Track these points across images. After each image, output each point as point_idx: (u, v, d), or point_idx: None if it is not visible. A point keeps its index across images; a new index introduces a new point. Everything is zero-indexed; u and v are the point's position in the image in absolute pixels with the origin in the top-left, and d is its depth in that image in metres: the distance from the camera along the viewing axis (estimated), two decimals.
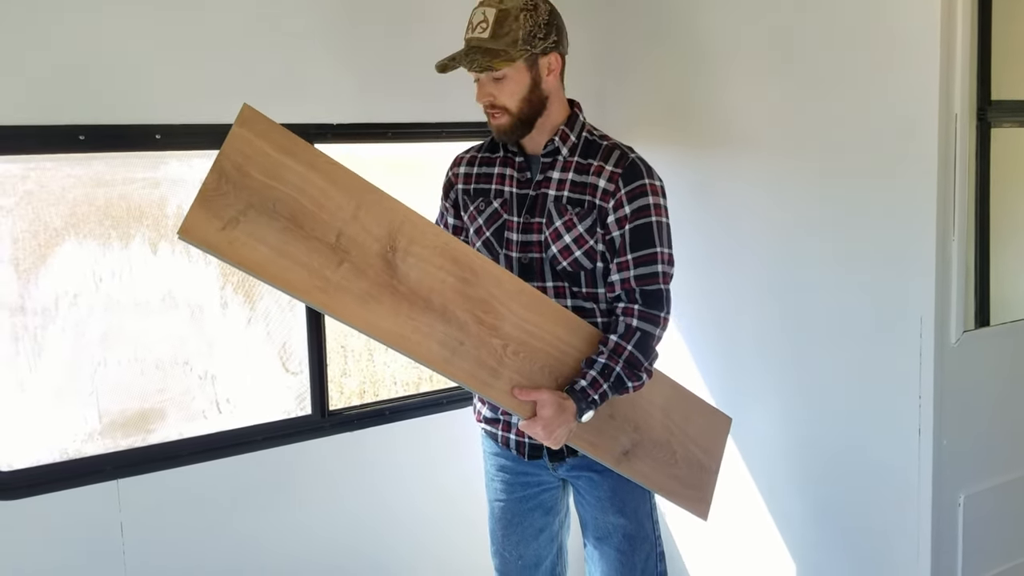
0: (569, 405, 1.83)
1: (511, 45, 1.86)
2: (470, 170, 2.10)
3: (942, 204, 2.13)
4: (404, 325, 1.71)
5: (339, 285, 1.66)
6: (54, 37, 2.08)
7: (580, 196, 1.94)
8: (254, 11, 2.32)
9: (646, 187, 1.92)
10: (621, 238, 1.91)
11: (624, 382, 1.88)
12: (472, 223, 2.07)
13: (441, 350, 1.75)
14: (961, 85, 2.13)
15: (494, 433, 2.12)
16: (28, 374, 2.24)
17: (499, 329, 1.82)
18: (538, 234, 1.97)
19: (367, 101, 2.53)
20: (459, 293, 1.77)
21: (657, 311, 1.92)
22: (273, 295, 2.52)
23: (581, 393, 1.85)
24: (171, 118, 2.24)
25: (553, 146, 1.97)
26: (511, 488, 2.14)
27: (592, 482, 2.06)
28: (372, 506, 2.66)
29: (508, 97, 1.90)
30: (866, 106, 2.26)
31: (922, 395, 2.18)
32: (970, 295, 2.41)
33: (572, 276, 1.97)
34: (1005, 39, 2.54)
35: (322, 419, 2.56)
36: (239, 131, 1.61)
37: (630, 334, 1.90)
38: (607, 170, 1.93)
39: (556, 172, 1.97)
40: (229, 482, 2.42)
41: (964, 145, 2.17)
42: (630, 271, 1.91)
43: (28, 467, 2.20)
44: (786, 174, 2.48)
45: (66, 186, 2.29)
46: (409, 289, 1.72)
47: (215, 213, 1.57)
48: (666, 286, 1.94)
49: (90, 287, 2.31)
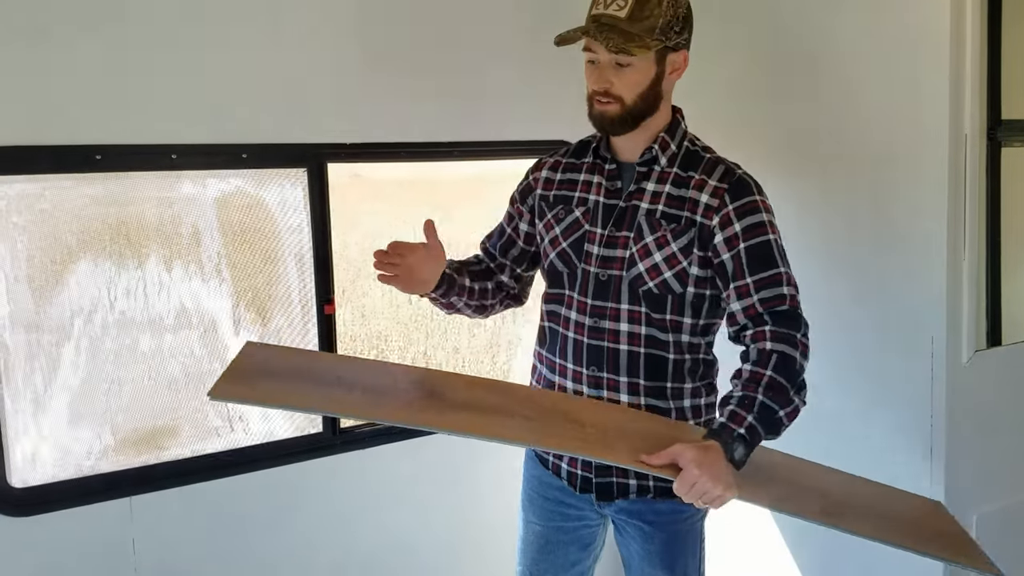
0: (712, 445, 1.58)
1: (647, 32, 1.68)
2: (552, 175, 1.95)
3: (952, 224, 2.14)
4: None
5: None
6: (71, 59, 2.11)
7: (677, 211, 1.77)
8: (269, 33, 2.35)
9: (757, 204, 1.75)
10: (735, 261, 1.73)
11: (773, 410, 1.63)
12: (547, 232, 1.92)
13: (531, 433, 1.72)
14: (971, 105, 2.14)
15: (544, 458, 1.98)
16: (43, 391, 2.25)
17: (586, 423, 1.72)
18: (623, 249, 1.80)
19: (379, 121, 2.54)
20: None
21: (793, 331, 1.70)
22: (286, 313, 2.54)
23: (721, 429, 1.61)
24: (186, 138, 2.26)
25: (651, 154, 1.81)
26: (550, 516, 1.99)
27: (643, 533, 1.89)
28: (383, 524, 2.66)
29: (628, 88, 1.72)
30: (875, 125, 2.27)
31: (934, 415, 2.18)
32: (981, 315, 2.40)
33: (656, 300, 1.79)
34: (1015, 58, 2.55)
35: (333, 436, 2.56)
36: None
37: (766, 358, 1.66)
38: (710, 184, 1.76)
39: (651, 183, 1.80)
40: (241, 499, 2.43)
41: (974, 165, 2.17)
42: (752, 296, 1.72)
43: (42, 483, 2.22)
44: (794, 194, 2.48)
45: (81, 205, 2.30)
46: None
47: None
48: (796, 308, 1.73)
49: (105, 305, 2.33)
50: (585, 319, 1.84)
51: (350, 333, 6.64)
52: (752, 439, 1.61)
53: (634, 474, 1.85)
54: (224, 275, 2.48)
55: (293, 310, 2.53)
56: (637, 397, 1.82)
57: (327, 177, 2.47)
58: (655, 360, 1.82)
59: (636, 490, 1.87)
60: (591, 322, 1.84)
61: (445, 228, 2.15)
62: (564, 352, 1.89)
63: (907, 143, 2.20)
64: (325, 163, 2.46)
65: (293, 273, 2.51)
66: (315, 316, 2.51)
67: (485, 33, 2.67)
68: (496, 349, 6.60)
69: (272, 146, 2.39)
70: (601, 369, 1.83)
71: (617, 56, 1.70)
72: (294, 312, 2.53)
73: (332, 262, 2.52)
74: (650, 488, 1.86)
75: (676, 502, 1.85)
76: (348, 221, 8.31)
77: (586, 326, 1.84)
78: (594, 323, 1.83)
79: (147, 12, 2.18)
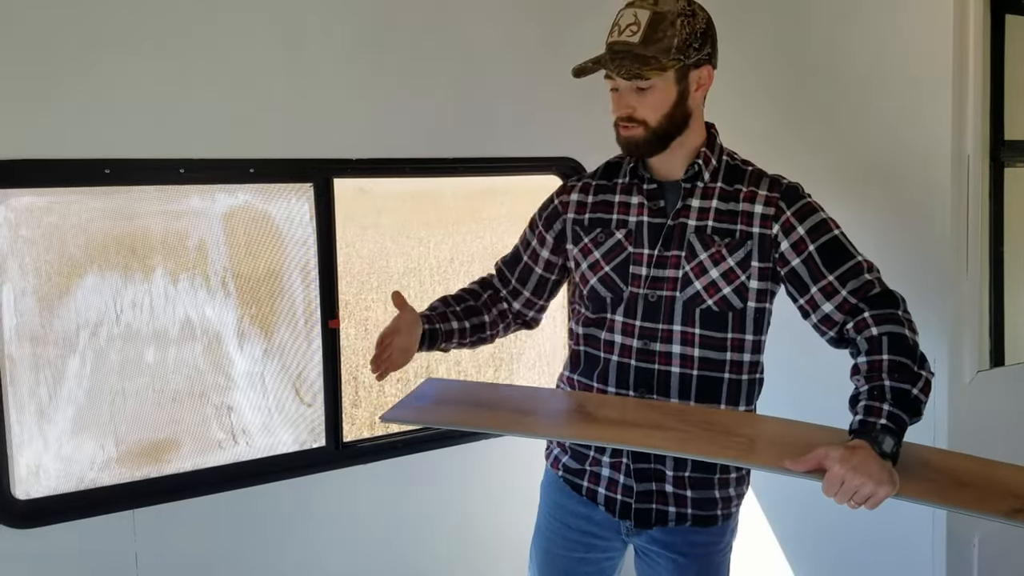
0: (858, 443, 1.51)
1: (663, 52, 1.67)
2: (584, 198, 1.90)
3: (955, 244, 2.14)
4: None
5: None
6: (80, 73, 2.13)
7: (730, 225, 1.75)
8: (276, 48, 2.37)
9: (812, 205, 1.75)
10: (808, 264, 1.71)
11: (906, 391, 1.56)
12: (585, 257, 1.87)
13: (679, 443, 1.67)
14: (973, 125, 2.15)
15: (578, 484, 1.91)
16: (48, 403, 2.26)
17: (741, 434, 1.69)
18: (674, 269, 1.77)
19: (385, 136, 2.56)
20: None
21: (893, 308, 1.66)
22: (291, 327, 2.55)
23: (862, 426, 1.54)
24: (194, 153, 2.28)
25: (695, 170, 1.78)
26: (572, 546, 1.94)
27: (676, 564, 1.85)
28: (386, 539, 2.66)
29: (650, 110, 1.72)
30: (879, 146, 2.28)
31: (936, 434, 2.18)
32: (984, 335, 2.41)
33: (714, 319, 1.75)
34: (1018, 80, 2.57)
35: (336, 451, 2.57)
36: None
37: (876, 344, 1.61)
38: (761, 194, 1.75)
39: (696, 200, 1.78)
40: (244, 513, 2.43)
41: (977, 185, 2.18)
42: (841, 292, 1.69)
43: (45, 496, 2.22)
44: None
45: (89, 218, 2.32)
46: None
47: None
48: (886, 288, 1.70)
49: (110, 318, 2.34)
50: (633, 341, 1.81)
51: (354, 347, 6.64)
52: (898, 427, 1.53)
53: (673, 501, 1.82)
54: (230, 289, 2.49)
55: (298, 324, 2.54)
56: None
57: (333, 192, 2.49)
58: (709, 382, 1.79)
59: (674, 518, 1.83)
60: (640, 344, 1.80)
61: (449, 242, 2.15)
62: (604, 376, 1.85)
63: (910, 163, 2.21)
64: (331, 178, 2.48)
65: (298, 287, 2.53)
66: (319, 331, 2.52)
67: (491, 49, 2.69)
68: (498, 363, 6.59)
69: (279, 161, 2.41)
70: (651, 392, 1.80)
71: (635, 81, 1.70)
72: (298, 326, 2.54)
73: (337, 277, 2.53)
74: (688, 517, 1.83)
75: (711, 532, 1.85)
76: (353, 235, 8.34)
77: (634, 348, 1.81)
78: (643, 345, 1.80)
79: (156, 28, 2.20)
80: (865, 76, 2.30)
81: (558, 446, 1.96)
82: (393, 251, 8.86)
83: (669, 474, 1.81)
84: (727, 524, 1.88)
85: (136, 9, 2.17)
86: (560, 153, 2.78)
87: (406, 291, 1.88)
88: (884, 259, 2.26)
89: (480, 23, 2.67)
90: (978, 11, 2.11)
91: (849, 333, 1.68)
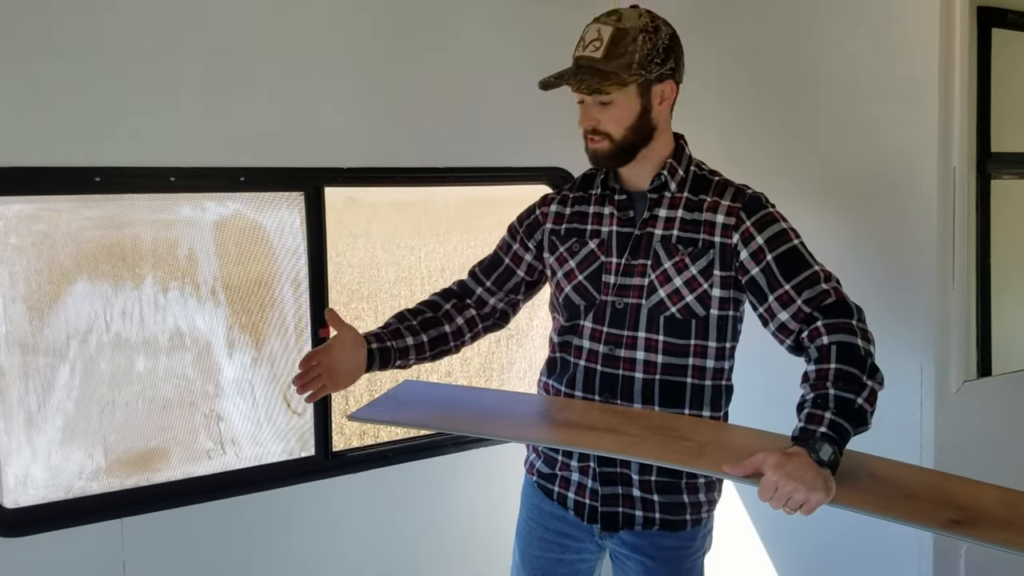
0: (796, 450, 1.52)
1: (624, 68, 1.72)
2: (562, 209, 1.95)
3: (941, 255, 2.16)
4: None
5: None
6: (71, 80, 2.13)
7: (693, 235, 1.78)
8: (267, 56, 2.37)
9: (773, 215, 1.77)
10: (766, 273, 1.73)
11: (850, 400, 1.57)
12: (561, 266, 1.92)
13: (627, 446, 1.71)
14: (959, 138, 2.17)
15: (550, 489, 1.96)
16: (37, 412, 2.25)
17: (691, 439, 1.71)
18: (640, 277, 1.81)
19: (376, 146, 2.57)
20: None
21: (846, 318, 1.67)
22: (281, 337, 2.55)
23: (802, 433, 1.55)
24: (185, 161, 2.28)
25: (660, 181, 1.82)
26: (548, 547, 1.97)
27: (645, 568, 1.87)
28: (374, 548, 2.65)
29: (613, 124, 1.76)
30: (866, 157, 2.30)
31: (923, 444, 2.19)
32: (971, 345, 2.43)
33: (678, 326, 1.79)
34: (1004, 93, 2.59)
35: (325, 460, 2.56)
36: None
37: (825, 352, 1.63)
38: (724, 204, 1.78)
39: (663, 209, 1.82)
40: (233, 522, 2.42)
41: (963, 196, 2.20)
42: (797, 300, 1.70)
43: (33, 504, 2.22)
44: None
45: (79, 227, 2.32)
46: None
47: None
48: (842, 298, 1.70)
49: (100, 326, 2.33)
50: (600, 347, 1.85)
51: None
52: (839, 435, 1.54)
53: (641, 505, 1.84)
54: (220, 298, 2.49)
55: (288, 333, 2.54)
56: None
57: (324, 201, 2.49)
58: (671, 387, 1.81)
59: (641, 522, 1.86)
60: (606, 350, 1.84)
61: (440, 251, 2.16)
62: (573, 381, 1.89)
63: (897, 175, 2.22)
64: (322, 187, 2.48)
65: (289, 296, 2.53)
66: (310, 340, 2.52)
67: (483, 60, 2.70)
68: (489, 373, 6.60)
69: (270, 170, 2.41)
70: (615, 397, 1.83)
71: (595, 96, 1.75)
72: (289, 336, 2.54)
73: (327, 286, 2.53)
74: (656, 521, 1.85)
75: (680, 536, 1.87)
76: (344, 244, 8.35)
77: (600, 354, 1.84)
78: (609, 351, 1.84)
79: (148, 37, 2.21)
80: (852, 87, 2.31)
81: (534, 451, 2.00)
82: (384, 260, 8.86)
83: (635, 478, 1.83)
84: (697, 529, 1.90)
85: (127, 17, 2.18)
86: (551, 163, 2.79)
87: (397, 300, 1.90)
88: (871, 270, 2.29)
89: (472, 33, 2.68)
90: (964, 24, 2.13)
91: (804, 342, 1.70)
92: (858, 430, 1.58)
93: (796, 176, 2.48)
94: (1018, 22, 2.63)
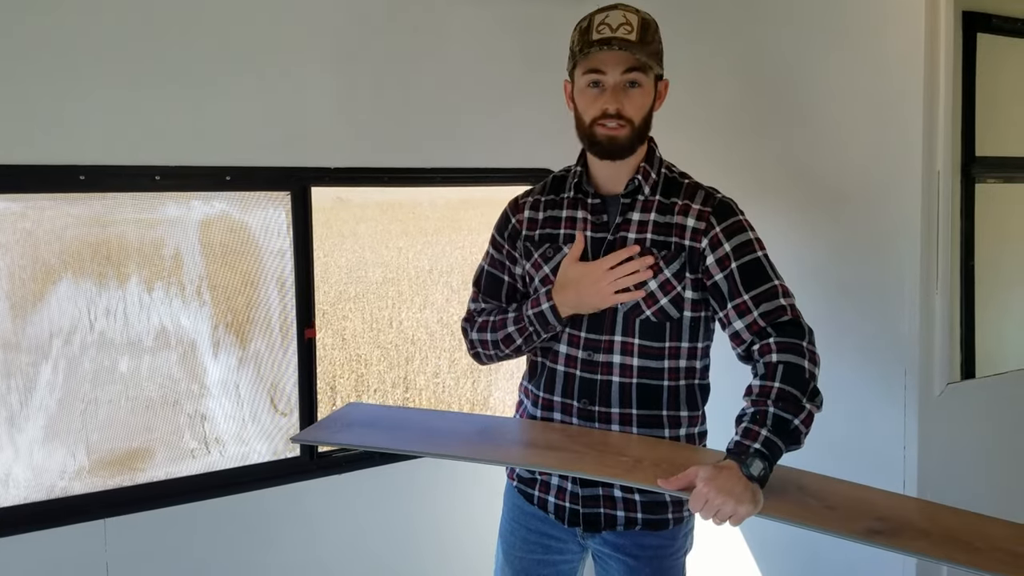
0: (727, 464, 1.56)
1: (652, 56, 1.73)
2: (535, 215, 1.93)
3: (925, 258, 2.17)
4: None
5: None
6: (55, 78, 2.12)
7: (665, 238, 1.78)
8: (253, 55, 2.37)
9: (742, 223, 1.78)
10: (728, 280, 1.74)
11: (787, 420, 1.60)
12: (537, 272, 1.90)
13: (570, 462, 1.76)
14: (944, 141, 2.18)
15: (529, 493, 1.95)
16: (19, 411, 2.24)
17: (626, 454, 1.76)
18: None
19: (363, 146, 2.57)
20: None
21: (798, 339, 1.69)
22: (266, 337, 2.54)
23: (736, 447, 1.59)
24: (170, 160, 2.27)
25: (635, 184, 1.81)
26: (531, 548, 1.97)
27: (627, 567, 1.87)
28: (359, 549, 2.65)
29: (636, 110, 1.75)
30: (850, 160, 2.31)
31: (906, 446, 2.20)
32: (955, 347, 2.44)
33: (653, 329, 1.79)
34: (989, 97, 2.61)
35: (311, 461, 2.56)
36: None
37: (773, 370, 1.65)
38: (695, 208, 1.78)
39: (636, 213, 1.81)
40: (217, 523, 2.41)
41: (947, 200, 2.21)
42: (753, 312, 1.72)
43: (14, 504, 2.21)
44: (766, 229, 2.51)
45: (64, 225, 2.31)
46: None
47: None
48: (797, 317, 1.72)
49: (84, 325, 2.32)
50: (578, 352, 1.84)
51: (330, 357, 6.63)
52: (771, 452, 1.58)
53: (622, 506, 1.85)
54: (205, 297, 2.48)
55: (273, 333, 2.54)
56: (629, 428, 1.83)
57: (311, 201, 2.49)
58: (648, 390, 1.82)
59: (623, 522, 1.86)
60: (584, 355, 1.84)
61: (428, 252, 2.16)
62: (551, 386, 1.89)
63: (882, 179, 2.23)
64: (309, 187, 2.48)
65: (274, 296, 2.52)
66: (295, 340, 2.51)
67: (469, 62, 2.71)
68: (476, 375, 6.60)
69: (256, 169, 2.40)
70: (593, 402, 1.84)
71: (632, 75, 1.73)
72: (274, 335, 2.54)
73: (314, 286, 2.53)
74: (637, 521, 1.86)
75: (662, 536, 1.88)
76: (331, 244, 8.34)
77: (579, 359, 1.84)
78: (587, 356, 1.83)
79: (133, 36, 2.20)
80: (837, 92, 2.32)
81: None
82: (371, 260, 8.85)
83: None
84: (679, 528, 1.90)
85: (112, 16, 2.17)
86: (536, 164, 2.79)
87: (384, 300, 1.89)
88: (856, 272, 2.30)
89: (458, 36, 2.69)
90: (949, 29, 2.15)
91: (754, 354, 1.72)
92: (791, 448, 1.62)
93: (780, 179, 2.49)
94: (1003, 27, 2.65)
